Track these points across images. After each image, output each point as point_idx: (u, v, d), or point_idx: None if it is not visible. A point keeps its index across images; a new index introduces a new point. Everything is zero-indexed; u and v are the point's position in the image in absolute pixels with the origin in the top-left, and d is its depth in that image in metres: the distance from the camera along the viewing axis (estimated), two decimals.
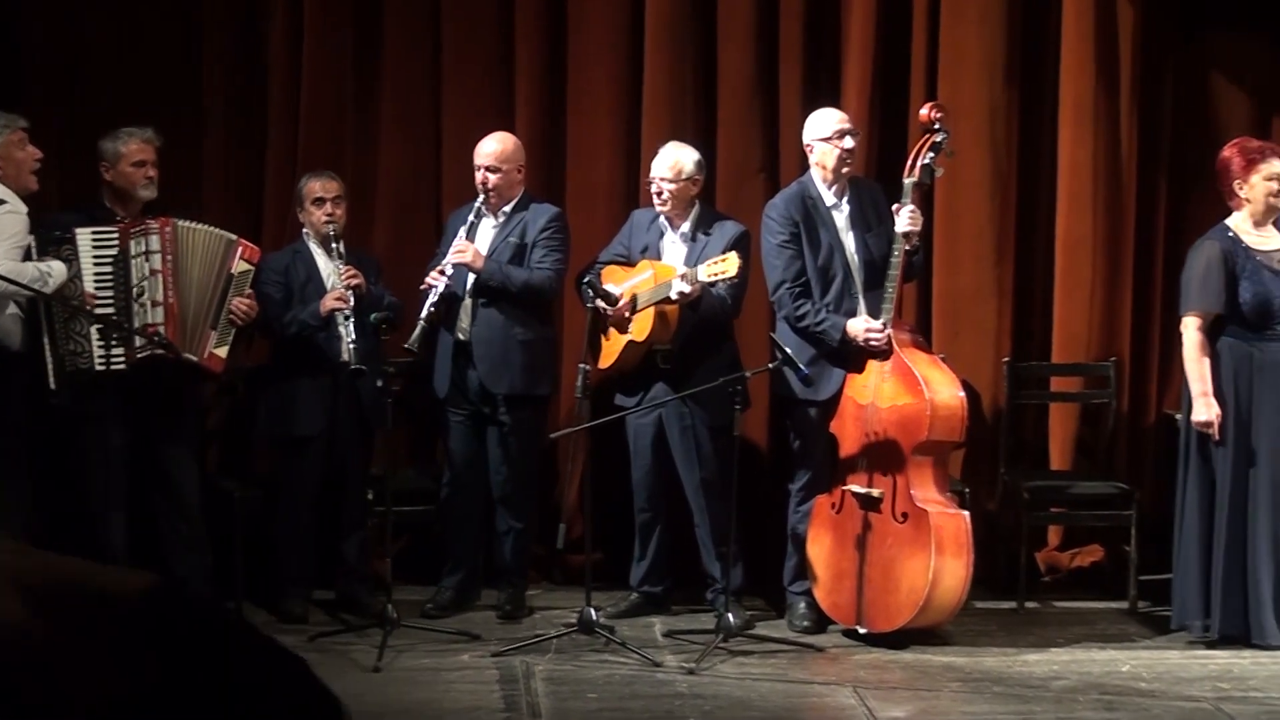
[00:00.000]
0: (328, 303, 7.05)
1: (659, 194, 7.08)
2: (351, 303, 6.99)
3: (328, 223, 7.15)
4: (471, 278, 7.12)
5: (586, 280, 7.10)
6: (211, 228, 7.02)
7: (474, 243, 7.14)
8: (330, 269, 7.17)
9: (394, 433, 7.15)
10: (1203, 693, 6.32)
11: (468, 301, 7.14)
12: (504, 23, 7.80)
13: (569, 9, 7.80)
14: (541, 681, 6.41)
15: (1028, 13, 7.83)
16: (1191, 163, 7.95)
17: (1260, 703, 6.20)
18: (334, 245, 7.10)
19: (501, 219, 7.26)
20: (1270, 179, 6.82)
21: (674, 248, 7.17)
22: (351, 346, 6.92)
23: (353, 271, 7.11)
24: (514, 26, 7.80)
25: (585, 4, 7.79)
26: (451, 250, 7.11)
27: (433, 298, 7.04)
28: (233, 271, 6.97)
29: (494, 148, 7.21)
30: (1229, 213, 7.64)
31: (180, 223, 6.93)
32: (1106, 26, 7.76)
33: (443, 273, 7.07)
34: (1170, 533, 7.22)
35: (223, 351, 6.96)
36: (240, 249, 7.00)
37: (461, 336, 7.15)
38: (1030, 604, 7.49)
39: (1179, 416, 7.13)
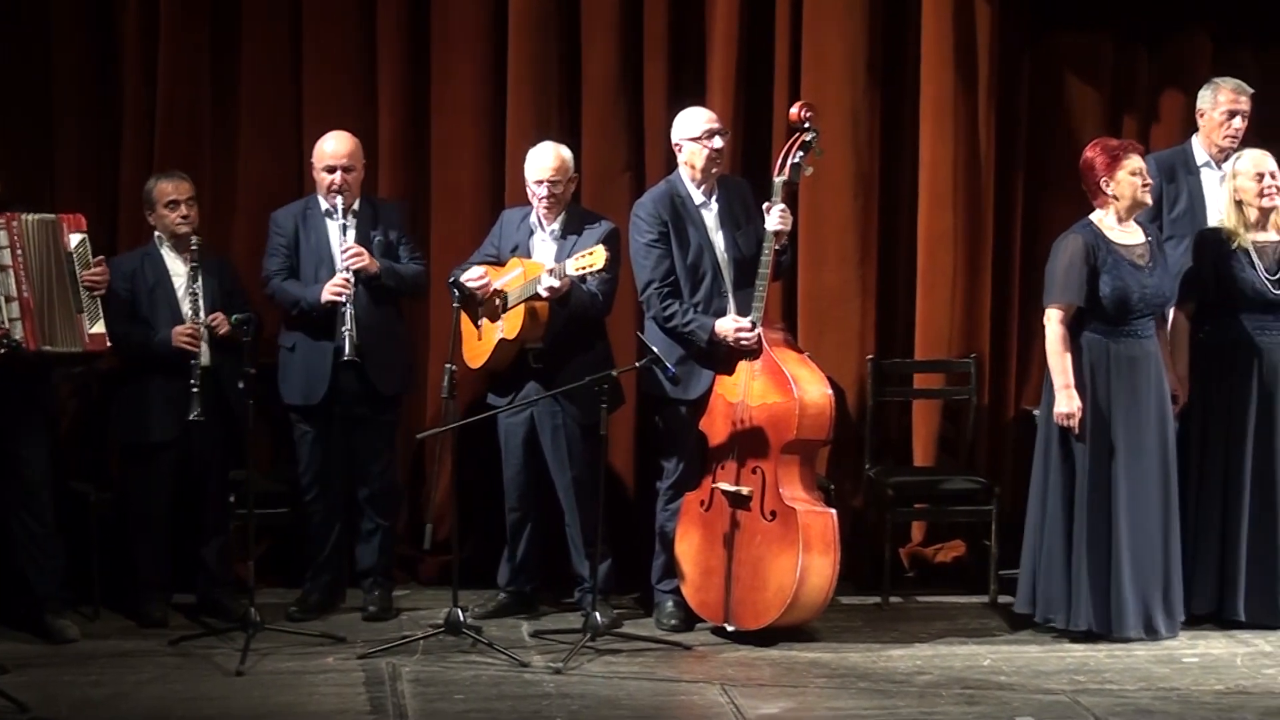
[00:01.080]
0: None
1: (546, 194, 7.06)
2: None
3: (182, 224, 7.05)
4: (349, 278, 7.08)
5: (452, 280, 7.06)
6: (37, 214, 6.88)
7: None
8: (184, 272, 7.04)
9: (256, 436, 7.06)
10: (1060, 685, 6.42)
11: (350, 306, 7.07)
12: (365, 24, 7.74)
13: (432, 10, 7.75)
14: (408, 683, 6.37)
15: (888, 14, 7.92)
16: (1047, 160, 8.10)
17: (1115, 694, 6.31)
18: (193, 249, 6.99)
19: (353, 219, 7.22)
20: (1135, 173, 6.95)
21: (544, 246, 7.15)
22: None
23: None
24: (376, 27, 7.74)
25: (448, 5, 7.74)
26: (345, 255, 7.07)
27: (348, 306, 7.00)
28: (69, 249, 6.85)
29: (346, 146, 7.18)
30: (1087, 209, 7.79)
31: (25, 216, 6.80)
32: (964, 27, 7.87)
33: (348, 282, 7.03)
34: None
35: (100, 328, 6.85)
36: (65, 223, 6.89)
37: (346, 340, 7.05)
38: (895, 599, 7.56)
39: (1037, 411, 7.24)
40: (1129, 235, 7.00)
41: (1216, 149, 7.49)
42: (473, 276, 7.05)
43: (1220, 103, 7.48)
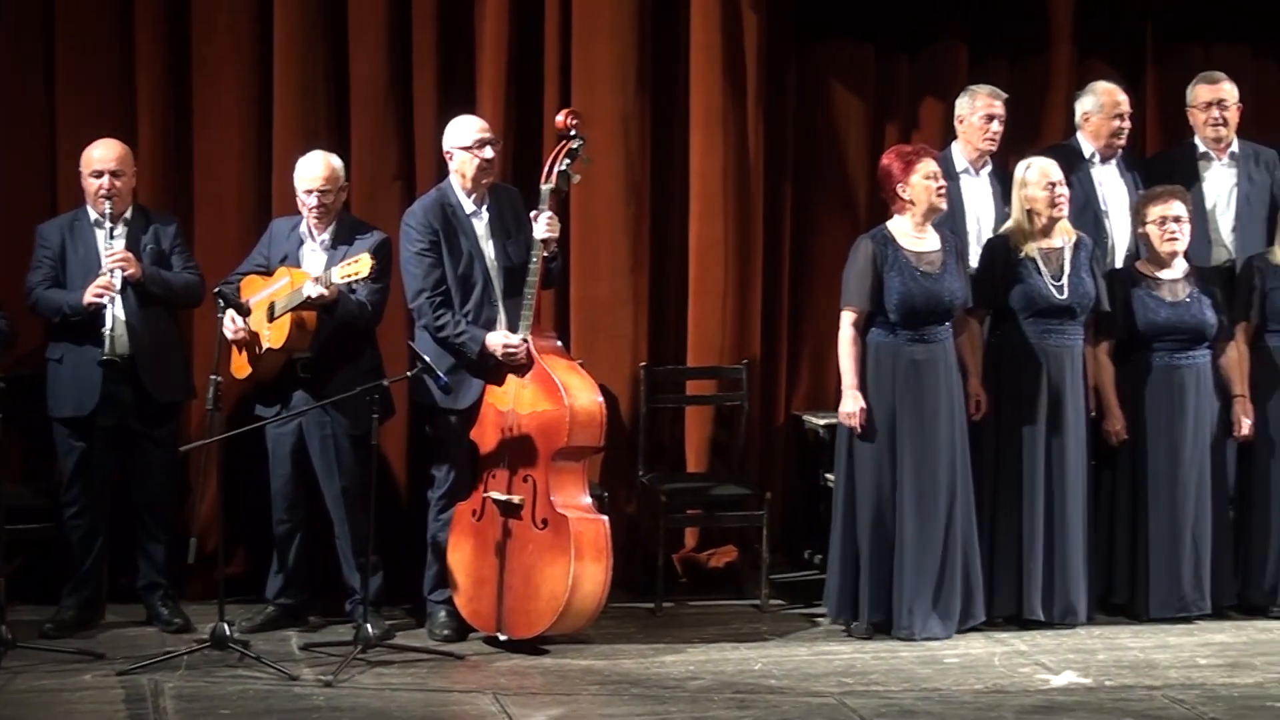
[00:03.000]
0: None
1: (316, 204, 7.00)
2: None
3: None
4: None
5: (218, 290, 6.95)
6: None
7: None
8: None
9: (8, 448, 6.88)
10: (829, 688, 6.50)
11: (119, 313, 6.93)
12: (123, 32, 7.60)
13: (193, 17, 7.63)
14: (171, 699, 6.26)
15: (658, 23, 7.97)
16: (815, 167, 8.23)
17: (880, 696, 6.41)
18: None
19: (123, 227, 7.09)
20: (929, 177, 7.07)
21: (314, 256, 7.09)
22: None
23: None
24: (134, 36, 7.60)
25: (210, 12, 7.63)
26: (109, 259, 6.93)
27: (114, 308, 6.87)
28: None
29: (114, 151, 7.07)
30: (855, 216, 7.97)
31: None
32: (732, 37, 7.96)
33: (111, 284, 6.88)
34: (799, 531, 7.44)
35: None
36: None
37: (113, 348, 6.89)
38: (668, 605, 7.61)
39: (805, 416, 7.34)
40: (923, 242, 7.12)
41: (976, 153, 7.67)
42: (247, 305, 6.97)
43: (978, 108, 7.66)
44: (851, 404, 7.01)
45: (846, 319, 7.08)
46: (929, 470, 7.02)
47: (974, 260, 7.44)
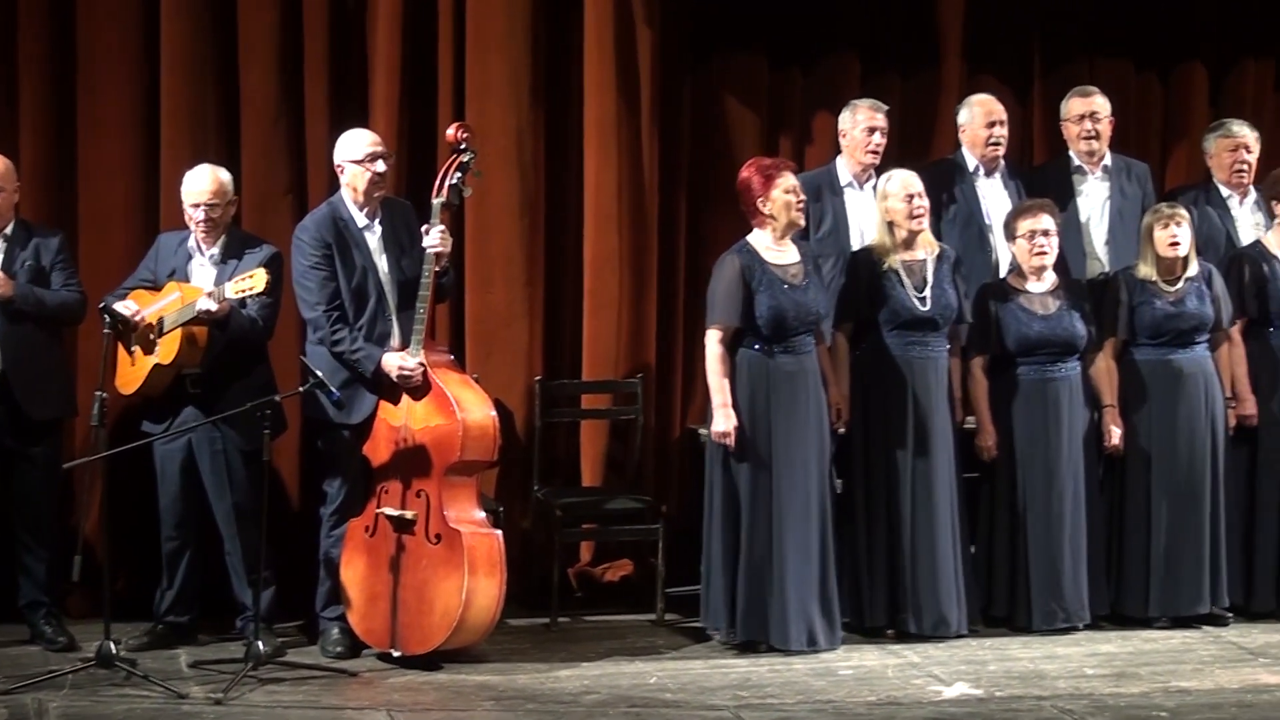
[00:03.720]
0: None
1: (204, 218, 6.93)
2: None
3: None
4: None
5: (103, 305, 6.87)
6: None
7: None
8: None
9: None
10: (724, 701, 6.51)
11: None
12: (4, 42, 7.49)
13: (78, 28, 7.54)
14: (56, 719, 6.16)
15: (552, 36, 7.98)
16: (709, 180, 8.25)
17: (775, 709, 6.43)
18: None
19: (2, 242, 7.00)
20: (788, 191, 7.09)
21: (203, 271, 7.02)
22: None
23: None
24: (16, 46, 7.50)
25: (95, 23, 7.54)
26: None
27: None
28: None
29: None
30: (749, 228, 7.95)
31: None
32: (626, 50, 7.97)
33: None
34: (694, 544, 7.42)
35: None
36: None
37: None
38: (563, 619, 7.60)
39: (703, 431, 7.35)
40: (784, 255, 7.15)
41: (860, 166, 7.72)
42: (127, 314, 6.88)
43: (859, 121, 7.71)
44: (725, 423, 7.01)
45: (713, 337, 7.07)
46: (803, 481, 7.05)
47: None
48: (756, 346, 7.08)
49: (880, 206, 7.37)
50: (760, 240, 7.15)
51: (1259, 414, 7.64)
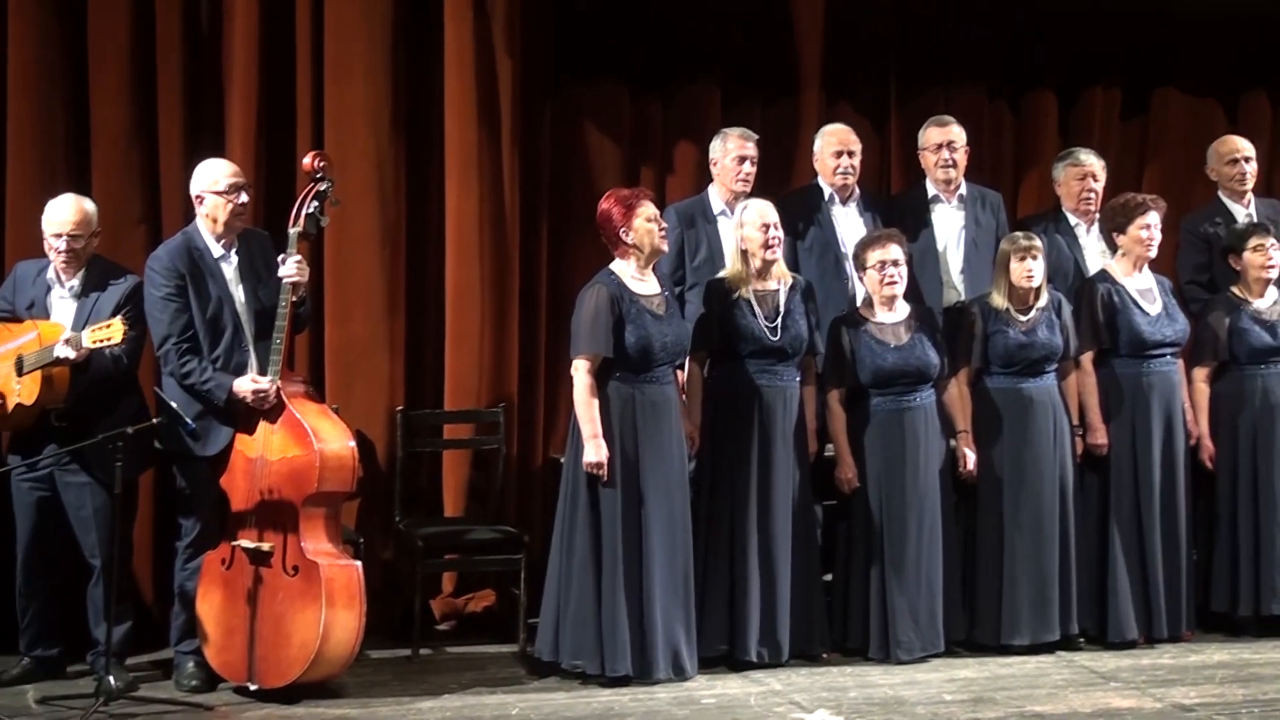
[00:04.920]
0: None
1: (65, 249, 6.82)
2: None
3: None
4: None
5: None
6: None
7: None
8: None
9: None
10: None
11: None
12: None
13: None
14: None
15: (412, 64, 7.96)
16: (571, 209, 8.28)
17: None
18: None
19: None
20: (650, 220, 7.10)
21: (63, 304, 6.92)
22: None
23: None
24: None
25: None
26: None
27: None
28: None
29: None
30: (610, 258, 7.96)
31: None
32: (487, 80, 7.97)
33: None
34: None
35: None
36: None
37: None
38: (425, 651, 7.54)
39: (563, 459, 7.33)
40: (647, 285, 7.16)
41: (731, 194, 7.77)
42: None
43: (730, 150, 7.76)
44: (597, 454, 6.97)
45: (581, 367, 7.03)
46: (669, 511, 7.05)
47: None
48: (622, 377, 7.08)
49: (736, 235, 7.40)
50: (624, 270, 7.15)
51: (1110, 442, 7.75)
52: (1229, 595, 7.92)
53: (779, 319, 7.32)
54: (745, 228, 7.36)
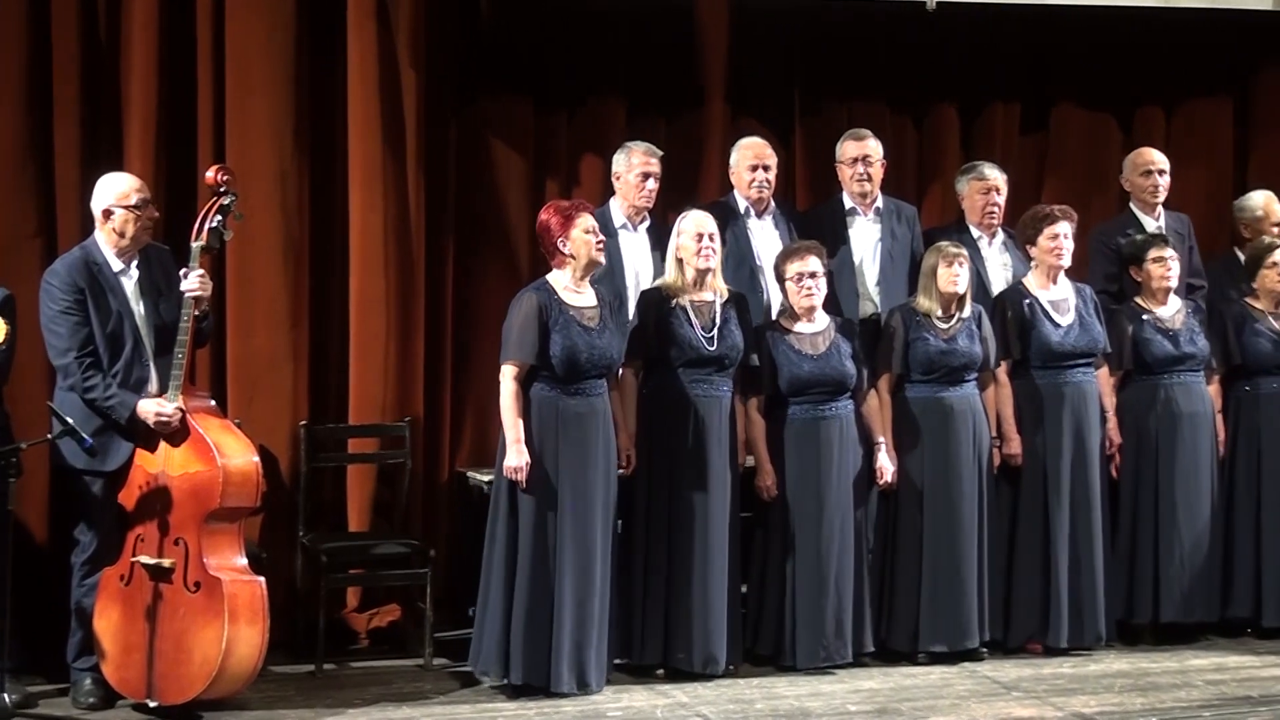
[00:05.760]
0: None
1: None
2: None
3: None
4: None
5: None
6: None
7: None
8: None
9: None
10: None
11: None
12: None
13: None
14: None
15: (315, 79, 7.92)
16: (477, 223, 8.27)
17: None
18: None
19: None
20: (588, 232, 7.12)
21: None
22: None
23: None
24: None
25: None
26: None
27: None
28: None
29: None
30: (517, 271, 8.00)
31: None
32: (391, 94, 7.94)
33: None
34: (464, 589, 7.38)
35: None
36: None
37: None
38: (329, 667, 7.49)
39: (469, 472, 7.32)
40: (583, 297, 7.17)
41: (633, 209, 7.78)
42: None
43: (634, 165, 7.78)
44: (516, 458, 7.00)
45: (508, 373, 7.07)
46: (588, 523, 7.05)
47: (632, 315, 7.52)
48: (548, 386, 7.08)
49: (673, 244, 7.43)
50: (559, 280, 7.16)
51: (1022, 453, 7.82)
52: (1127, 603, 8.00)
53: (715, 329, 7.35)
54: (682, 236, 7.39)
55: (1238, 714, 6.90)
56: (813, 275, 7.52)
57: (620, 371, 7.34)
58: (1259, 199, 8.74)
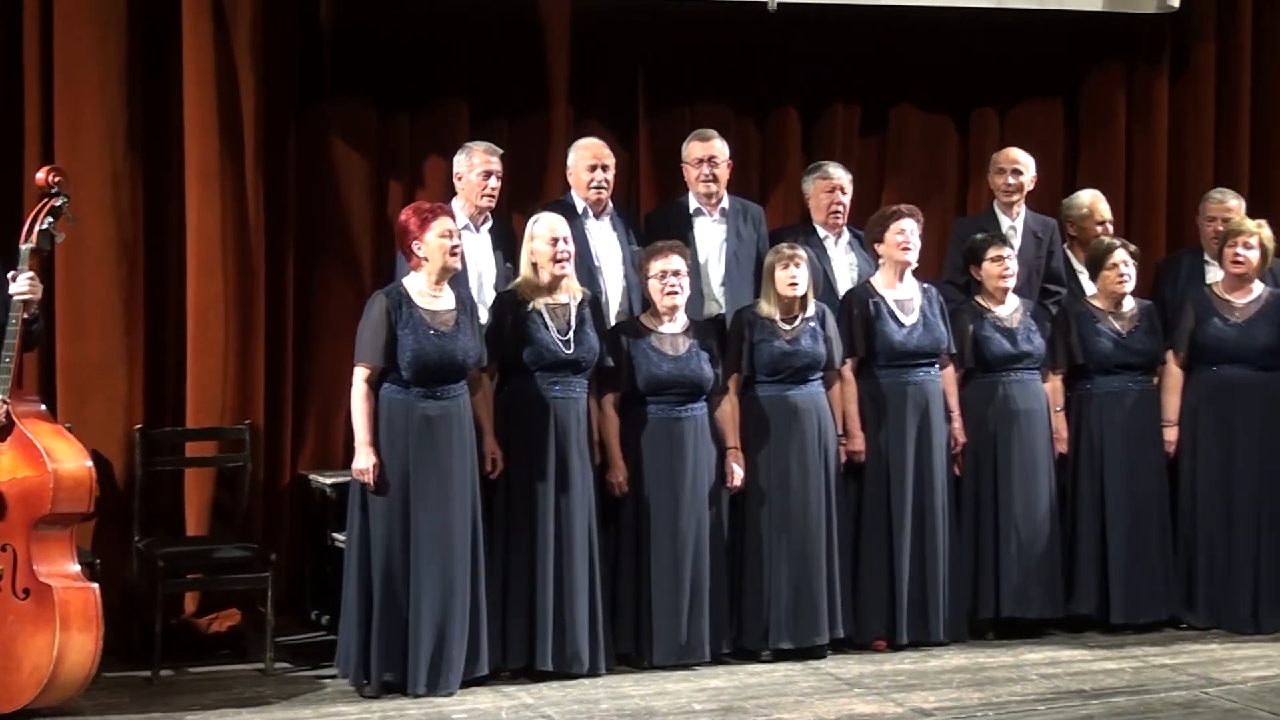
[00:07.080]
0: None
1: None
2: None
3: None
4: None
5: None
6: None
7: None
8: None
9: None
10: None
11: None
12: None
13: None
14: None
15: (149, 80, 7.81)
16: (318, 225, 8.20)
17: None
18: None
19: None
20: (443, 235, 7.06)
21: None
22: None
23: None
24: None
25: None
26: None
27: None
28: None
29: None
30: (359, 273, 7.94)
31: None
32: (228, 96, 7.84)
33: None
34: (305, 592, 7.31)
35: None
36: None
37: None
38: (166, 673, 7.37)
39: (312, 476, 7.25)
40: (438, 301, 7.11)
41: (475, 209, 7.74)
42: None
43: (475, 164, 7.74)
44: (364, 460, 6.95)
45: (359, 375, 7.03)
46: (443, 527, 7.00)
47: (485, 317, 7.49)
48: (400, 389, 7.03)
49: (526, 247, 7.40)
50: (415, 283, 7.11)
51: (866, 450, 7.89)
52: (972, 599, 8.09)
53: (571, 332, 7.34)
54: (535, 240, 7.36)
55: (1071, 707, 6.98)
56: (676, 273, 7.53)
57: (481, 375, 7.30)
58: (1085, 198, 8.87)
